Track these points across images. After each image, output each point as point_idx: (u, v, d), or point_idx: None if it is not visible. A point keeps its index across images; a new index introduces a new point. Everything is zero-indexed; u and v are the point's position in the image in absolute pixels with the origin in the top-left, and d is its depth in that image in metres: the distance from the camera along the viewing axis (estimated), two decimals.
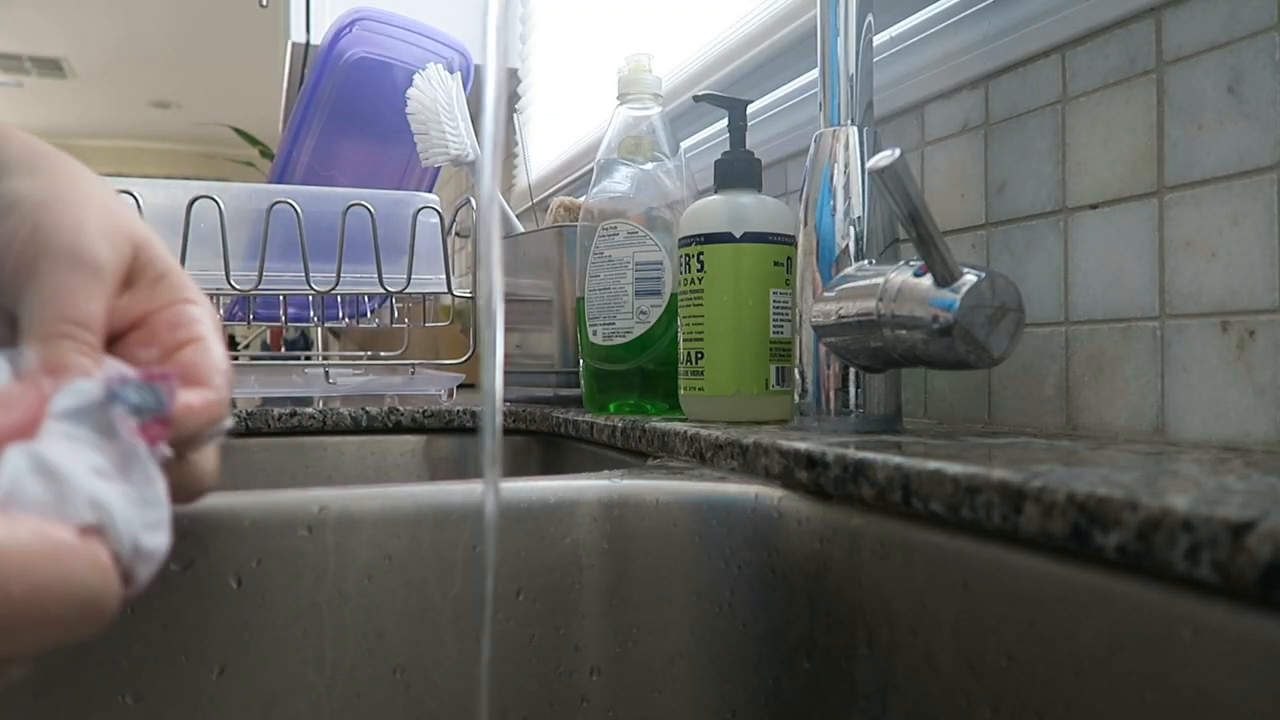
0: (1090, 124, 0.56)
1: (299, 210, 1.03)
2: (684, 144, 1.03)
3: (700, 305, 0.68)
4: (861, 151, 0.59)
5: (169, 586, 0.42)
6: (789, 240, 0.67)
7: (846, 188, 0.59)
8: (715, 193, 0.71)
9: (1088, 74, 0.57)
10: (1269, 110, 0.47)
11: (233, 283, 1.04)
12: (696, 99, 0.76)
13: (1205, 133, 0.50)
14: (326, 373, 1.13)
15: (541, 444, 0.92)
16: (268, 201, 1.04)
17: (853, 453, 0.43)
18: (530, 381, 0.98)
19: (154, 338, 0.36)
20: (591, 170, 0.84)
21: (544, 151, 1.70)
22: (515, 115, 1.80)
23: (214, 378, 0.35)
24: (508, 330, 1.02)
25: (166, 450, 0.30)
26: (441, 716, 0.44)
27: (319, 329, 1.40)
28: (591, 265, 0.79)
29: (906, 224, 0.49)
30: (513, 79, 1.82)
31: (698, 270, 0.68)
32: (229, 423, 0.35)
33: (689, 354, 0.69)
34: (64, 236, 0.34)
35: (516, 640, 0.45)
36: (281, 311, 1.14)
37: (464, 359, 1.12)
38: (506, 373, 1.01)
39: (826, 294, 0.57)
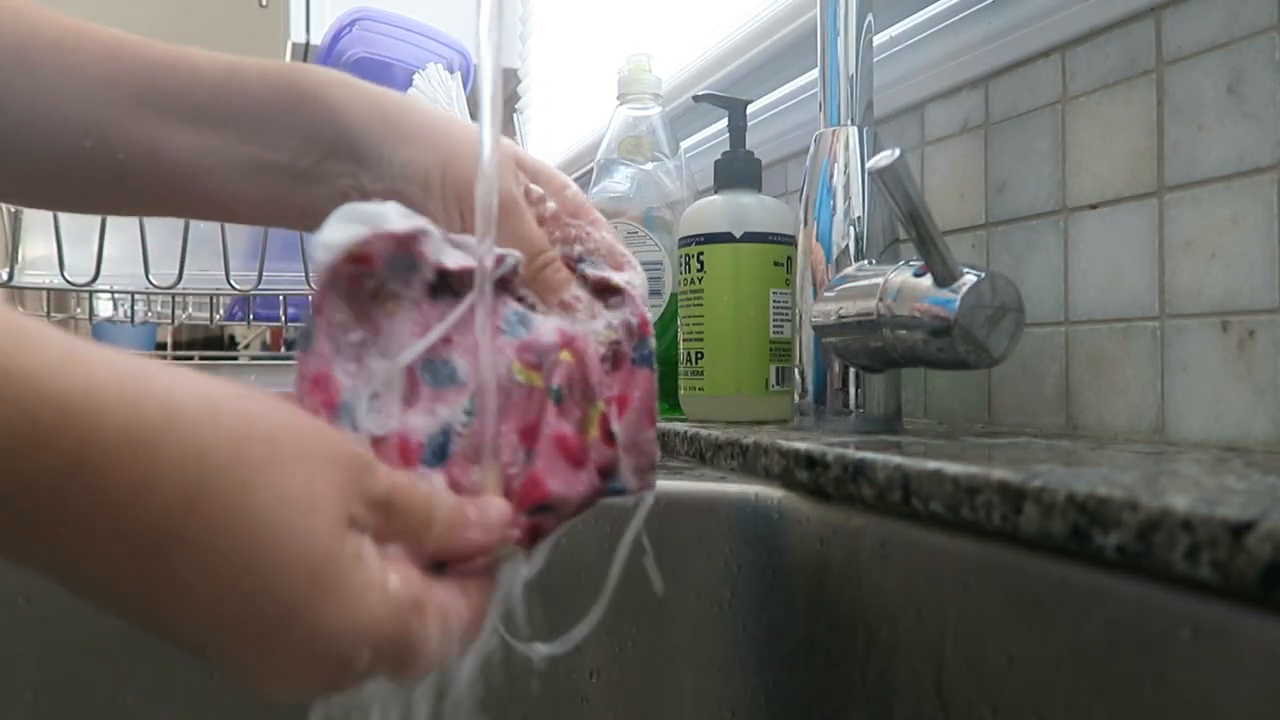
0: (1090, 124, 0.56)
1: None
2: (684, 144, 1.03)
3: (700, 305, 0.68)
4: (861, 151, 0.59)
5: None
6: (789, 240, 0.67)
7: (846, 188, 0.59)
8: (715, 193, 0.71)
9: (1088, 74, 0.57)
10: (1269, 110, 0.47)
11: (233, 283, 1.04)
12: (696, 99, 0.76)
13: (1205, 133, 0.50)
14: None
15: None
16: None
17: (853, 453, 0.43)
18: None
19: (566, 231, 0.40)
20: (591, 170, 0.84)
21: (544, 151, 1.70)
22: (515, 115, 1.80)
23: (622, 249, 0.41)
24: None
25: None
26: (442, 715, 0.44)
27: None
28: None
29: (906, 224, 0.49)
30: (512, 79, 1.82)
31: (697, 270, 0.68)
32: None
33: (689, 354, 0.69)
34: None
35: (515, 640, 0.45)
36: (281, 311, 1.14)
37: None
38: None
39: (826, 294, 0.57)
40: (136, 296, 1.18)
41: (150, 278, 1.06)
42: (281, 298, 1.12)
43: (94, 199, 0.45)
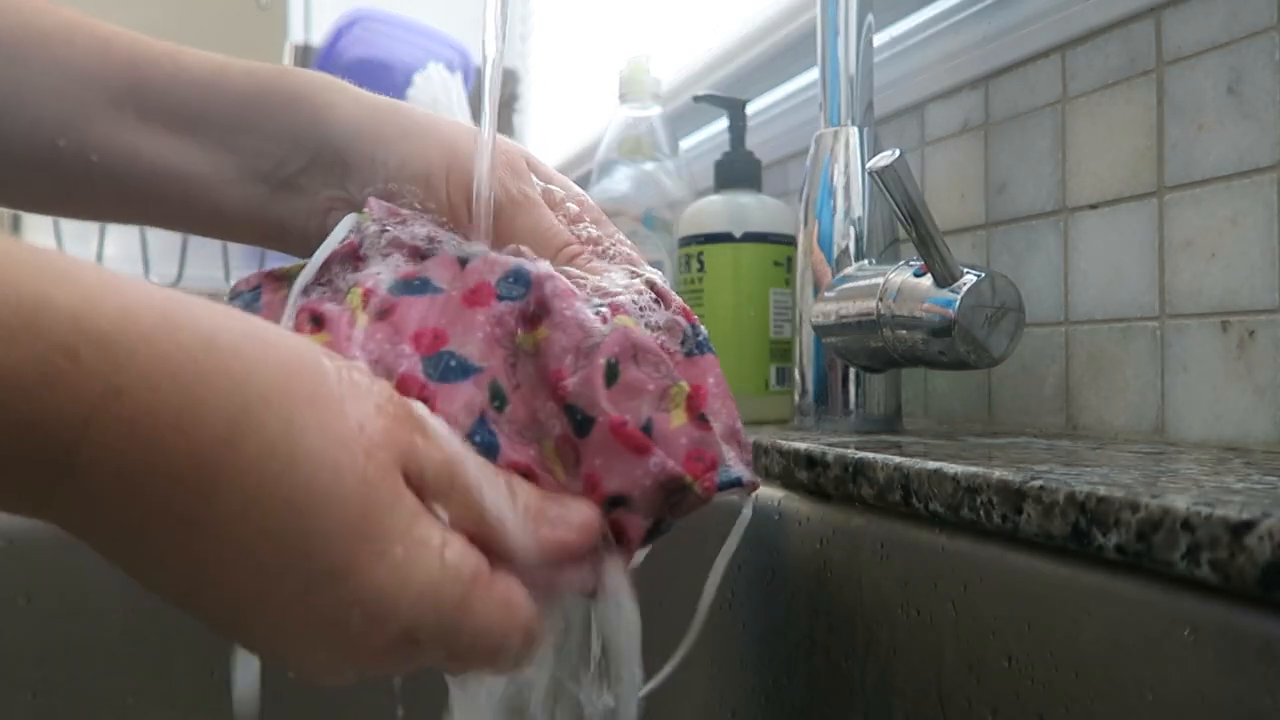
0: (1090, 124, 0.56)
1: None
2: (684, 144, 1.03)
3: (700, 305, 0.68)
4: (861, 151, 0.59)
5: None
6: (789, 240, 0.67)
7: (846, 188, 0.59)
8: (715, 193, 0.71)
9: (1088, 74, 0.57)
10: (1269, 110, 0.47)
11: (233, 283, 1.04)
12: (696, 99, 0.76)
13: (1205, 133, 0.50)
14: None
15: None
16: None
17: (853, 453, 0.43)
18: None
19: (589, 235, 0.39)
20: (591, 170, 0.84)
21: (544, 151, 1.70)
22: (515, 115, 1.80)
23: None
24: None
25: None
26: (442, 709, 0.44)
27: None
28: None
29: (906, 224, 0.49)
30: (512, 79, 1.82)
31: (698, 270, 0.68)
32: None
33: None
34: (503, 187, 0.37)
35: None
36: None
37: None
38: None
39: (826, 294, 0.57)
40: None
41: (150, 278, 1.06)
42: None
43: (57, 202, 0.43)
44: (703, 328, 0.35)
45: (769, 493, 0.48)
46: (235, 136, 0.38)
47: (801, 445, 0.47)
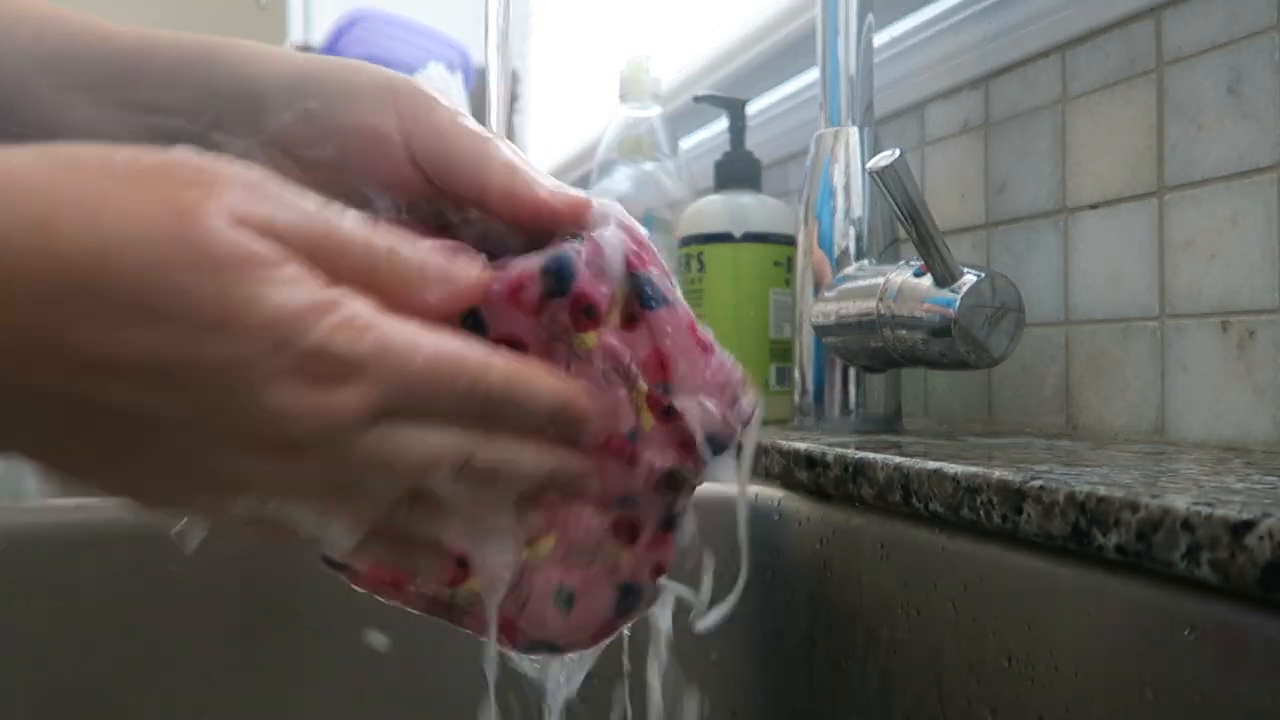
0: (1090, 124, 0.56)
1: None
2: (684, 144, 1.03)
3: (700, 305, 0.68)
4: (861, 151, 0.59)
5: (169, 588, 0.42)
6: (789, 240, 0.67)
7: (846, 188, 0.59)
8: (715, 193, 0.71)
9: (1088, 74, 0.57)
10: (1269, 110, 0.47)
11: None
12: (696, 99, 0.76)
13: (1205, 133, 0.50)
14: None
15: None
16: None
17: (853, 453, 0.43)
18: None
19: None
20: (591, 170, 0.84)
21: (544, 151, 1.70)
22: (515, 115, 1.80)
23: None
24: None
25: None
26: (440, 706, 0.44)
27: None
28: None
29: (906, 224, 0.49)
30: (512, 79, 1.82)
31: (698, 270, 0.68)
32: None
33: None
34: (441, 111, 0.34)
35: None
36: None
37: None
38: None
39: (827, 294, 0.57)
40: None
41: None
42: None
43: None
44: (654, 274, 0.30)
45: (769, 492, 0.48)
46: (154, 100, 0.37)
47: (801, 445, 0.47)
